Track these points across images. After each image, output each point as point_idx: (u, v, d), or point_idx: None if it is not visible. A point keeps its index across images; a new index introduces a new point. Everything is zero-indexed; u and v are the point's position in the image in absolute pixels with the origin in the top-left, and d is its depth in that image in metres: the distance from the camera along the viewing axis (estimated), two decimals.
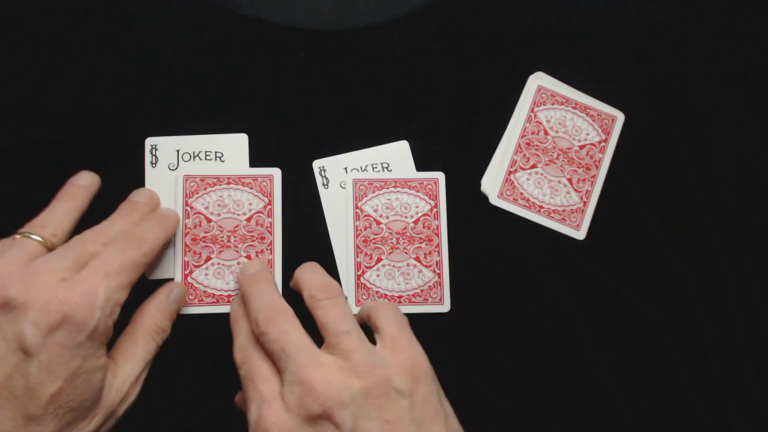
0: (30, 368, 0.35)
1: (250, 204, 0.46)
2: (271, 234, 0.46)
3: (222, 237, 0.45)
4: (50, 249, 0.40)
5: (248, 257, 0.45)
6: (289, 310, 0.40)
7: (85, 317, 0.36)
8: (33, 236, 0.40)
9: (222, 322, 0.44)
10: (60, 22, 0.48)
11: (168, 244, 0.45)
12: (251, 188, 0.46)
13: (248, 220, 0.46)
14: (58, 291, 0.36)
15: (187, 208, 0.45)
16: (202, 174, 0.46)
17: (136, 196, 0.45)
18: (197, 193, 0.46)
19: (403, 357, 0.38)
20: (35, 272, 0.37)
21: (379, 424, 0.36)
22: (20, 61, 0.47)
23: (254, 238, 0.46)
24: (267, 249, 0.46)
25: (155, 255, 0.42)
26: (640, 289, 0.47)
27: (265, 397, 0.37)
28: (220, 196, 0.46)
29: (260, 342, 0.39)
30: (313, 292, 0.41)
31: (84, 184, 0.44)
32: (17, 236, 0.40)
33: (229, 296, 0.45)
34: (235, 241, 0.45)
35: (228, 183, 0.46)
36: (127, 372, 0.40)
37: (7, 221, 0.41)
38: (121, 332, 0.41)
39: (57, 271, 0.37)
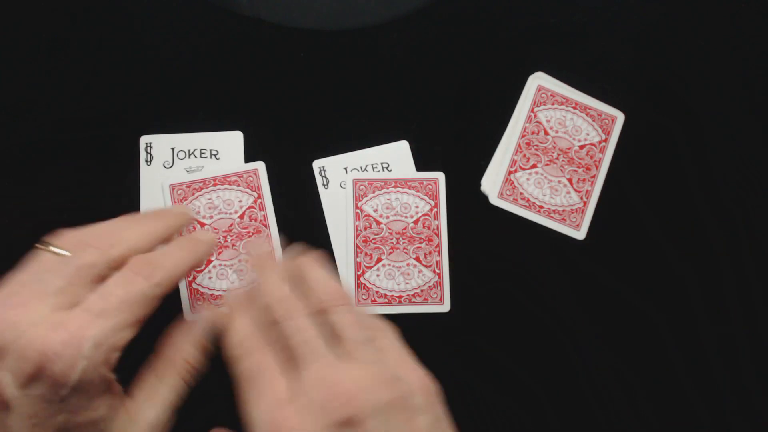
0: (11, 422, 0.30)
1: (240, 201, 0.46)
2: (266, 227, 0.46)
3: (219, 238, 0.45)
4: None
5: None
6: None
7: (65, 370, 0.30)
8: (54, 249, 0.33)
9: None
10: (60, 22, 0.48)
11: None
12: (238, 185, 0.46)
13: (241, 217, 0.46)
14: (39, 334, 0.30)
15: None
16: (187, 180, 0.46)
17: (170, 207, 0.39)
18: (186, 200, 0.46)
19: (419, 375, 0.34)
20: (23, 302, 0.31)
21: None
22: (17, 61, 0.47)
23: (250, 234, 0.46)
24: (265, 241, 0.46)
25: (172, 286, 0.35)
26: (640, 289, 0.47)
27: (278, 397, 0.31)
28: (209, 199, 0.46)
29: (270, 333, 0.34)
30: (324, 297, 0.36)
31: (156, 216, 0.38)
32: (39, 247, 0.34)
33: None
34: (232, 240, 0.45)
35: (215, 184, 0.46)
36: (148, 418, 0.34)
37: (7, 221, 0.41)
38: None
39: (49, 296, 0.31)
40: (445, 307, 0.46)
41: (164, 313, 0.36)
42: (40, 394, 0.30)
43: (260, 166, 0.46)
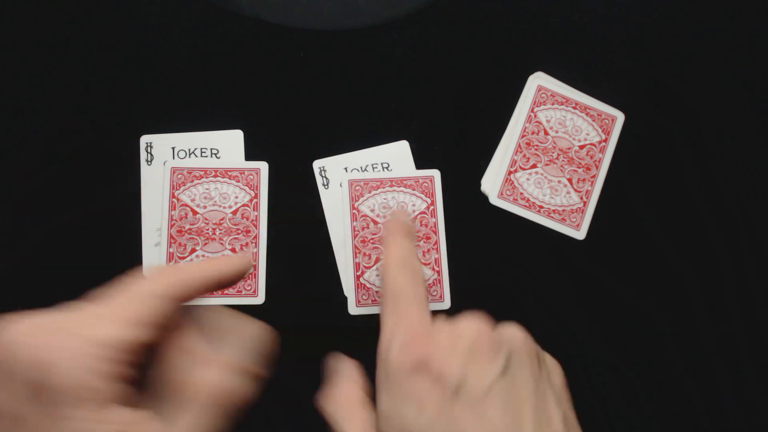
0: None
1: (236, 197, 0.46)
2: (256, 227, 0.46)
3: (207, 229, 0.46)
4: None
5: (233, 250, 0.45)
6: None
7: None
8: None
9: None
10: (60, 21, 0.48)
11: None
12: (238, 181, 0.46)
13: (234, 213, 0.46)
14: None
15: (173, 200, 0.46)
16: (189, 166, 0.46)
17: None
18: (184, 185, 0.46)
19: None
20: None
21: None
22: (17, 61, 0.47)
23: (239, 231, 0.46)
24: (252, 242, 0.46)
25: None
26: (640, 289, 0.47)
27: (423, 320, 0.33)
28: (207, 189, 0.46)
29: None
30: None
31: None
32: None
33: None
34: (220, 233, 0.46)
35: (215, 176, 0.46)
36: None
37: (6, 220, 0.41)
38: None
39: None
40: (446, 304, 0.46)
41: None
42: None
43: (263, 167, 0.46)
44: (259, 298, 0.45)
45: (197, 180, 0.46)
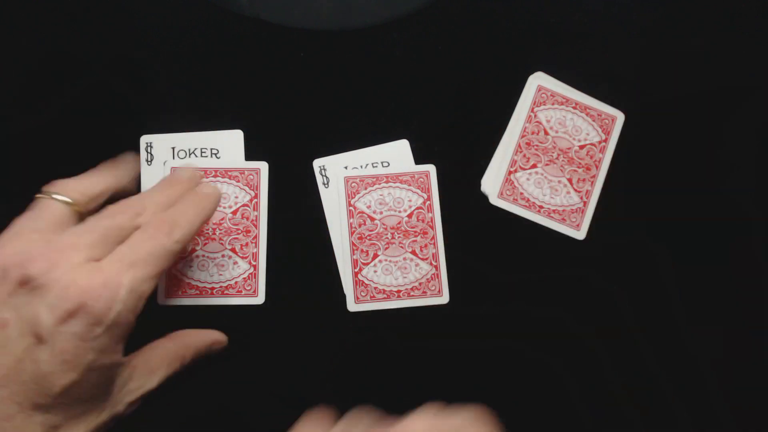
0: (41, 355, 0.33)
1: (237, 197, 0.46)
2: (256, 227, 0.46)
3: (207, 229, 0.45)
4: (78, 215, 0.38)
5: (233, 250, 0.45)
6: None
7: (104, 309, 0.33)
8: (59, 197, 0.37)
9: (205, 314, 0.44)
10: (59, 21, 0.48)
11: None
12: (238, 181, 0.46)
13: (234, 213, 0.46)
14: (79, 275, 0.33)
15: None
16: (190, 166, 0.46)
17: (178, 171, 0.43)
18: None
19: None
20: (59, 248, 0.34)
21: None
22: (16, 60, 0.47)
23: (239, 231, 0.46)
24: (252, 242, 0.46)
25: (189, 240, 0.39)
26: (640, 289, 0.47)
27: None
28: None
29: None
30: None
31: (128, 161, 0.43)
32: (41, 196, 0.37)
33: (212, 288, 0.45)
34: (220, 234, 0.45)
35: (215, 176, 0.46)
36: (143, 384, 0.38)
37: (6, 222, 0.41)
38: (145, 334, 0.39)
39: (82, 248, 0.35)
40: (444, 299, 0.46)
41: None
42: (75, 331, 0.33)
43: (263, 167, 0.46)
44: (259, 298, 0.45)
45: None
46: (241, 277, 0.45)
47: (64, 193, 0.38)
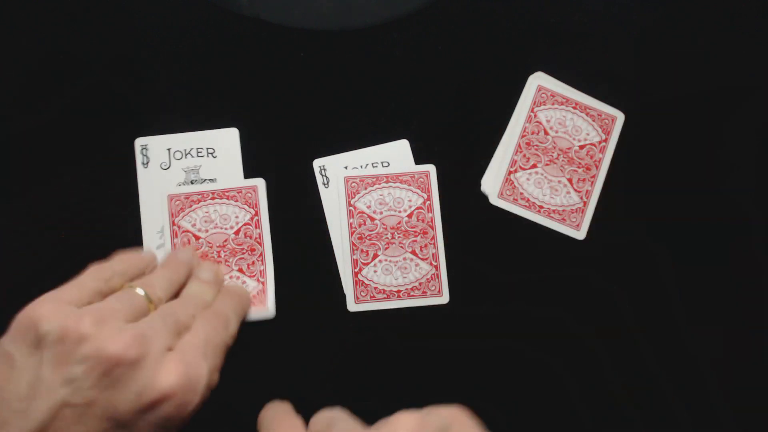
0: None
1: (237, 217, 0.46)
2: (261, 245, 0.45)
3: (212, 253, 0.45)
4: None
5: (240, 270, 0.45)
6: None
7: (185, 404, 0.33)
8: (139, 291, 0.37)
9: None
10: (58, 21, 0.48)
11: None
12: (236, 201, 0.46)
13: (236, 233, 0.45)
14: (167, 366, 0.33)
15: (174, 227, 0.45)
16: (186, 192, 0.46)
17: (181, 255, 0.42)
18: (183, 211, 0.45)
19: None
20: (146, 333, 0.33)
21: None
22: (15, 60, 0.47)
23: (244, 251, 0.45)
24: (258, 260, 0.45)
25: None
26: (640, 289, 0.47)
27: None
28: (206, 212, 0.45)
29: None
30: None
31: (185, 260, 0.42)
32: (127, 287, 0.37)
33: None
34: (225, 255, 0.45)
35: (213, 198, 0.46)
36: None
37: (6, 220, 0.41)
38: None
39: (163, 337, 0.34)
40: (444, 299, 0.46)
41: None
42: (153, 421, 0.32)
43: (260, 183, 0.46)
44: (270, 312, 0.45)
45: (195, 204, 0.46)
46: (250, 294, 0.45)
47: (148, 291, 0.37)
